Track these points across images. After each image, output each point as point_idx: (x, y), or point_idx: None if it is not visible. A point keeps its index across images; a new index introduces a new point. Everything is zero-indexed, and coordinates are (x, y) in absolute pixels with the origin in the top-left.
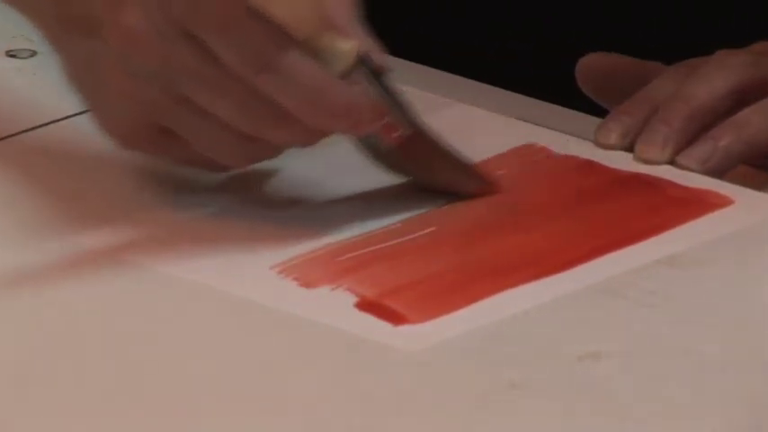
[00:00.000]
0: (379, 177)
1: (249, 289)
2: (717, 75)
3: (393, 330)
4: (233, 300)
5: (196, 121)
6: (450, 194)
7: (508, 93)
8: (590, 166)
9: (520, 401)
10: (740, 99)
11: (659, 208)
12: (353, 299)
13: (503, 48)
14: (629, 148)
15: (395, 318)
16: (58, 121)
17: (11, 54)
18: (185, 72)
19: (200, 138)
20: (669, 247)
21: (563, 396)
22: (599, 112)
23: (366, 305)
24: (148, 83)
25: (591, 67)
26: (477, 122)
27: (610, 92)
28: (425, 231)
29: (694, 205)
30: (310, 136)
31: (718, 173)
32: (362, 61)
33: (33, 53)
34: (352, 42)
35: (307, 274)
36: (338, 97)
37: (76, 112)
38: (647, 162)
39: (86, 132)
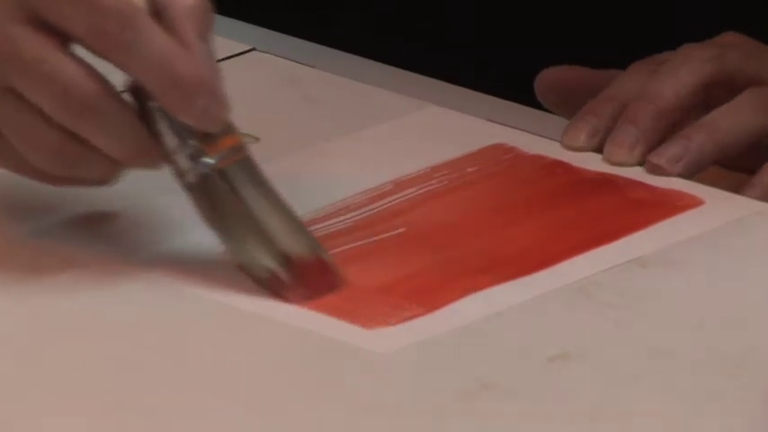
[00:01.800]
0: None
1: (221, 292)
2: (682, 71)
3: (364, 332)
4: (206, 302)
5: (18, 114)
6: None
7: (478, 94)
8: (560, 166)
9: (491, 403)
10: (708, 94)
11: (629, 208)
12: (325, 301)
13: (473, 50)
14: (598, 149)
15: (366, 320)
16: None
17: None
18: (11, 59)
19: (23, 133)
20: (639, 248)
21: (534, 397)
22: None
23: (337, 308)
24: None
25: (550, 80)
26: (447, 124)
27: (570, 104)
28: (394, 233)
29: (664, 206)
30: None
31: (690, 173)
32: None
33: None
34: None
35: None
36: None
37: None
38: (616, 164)
39: None
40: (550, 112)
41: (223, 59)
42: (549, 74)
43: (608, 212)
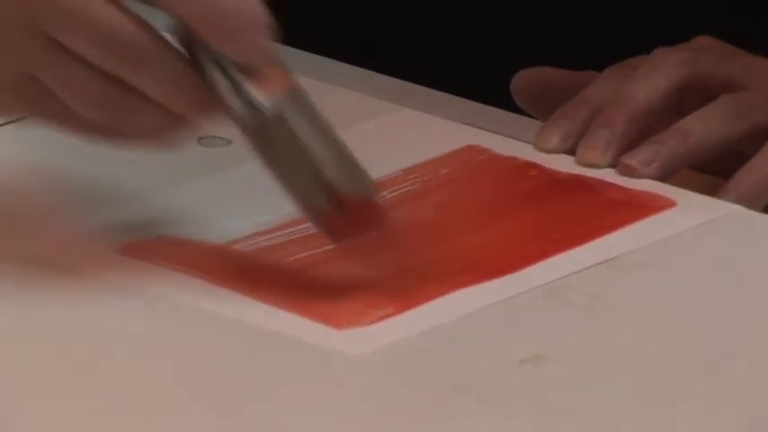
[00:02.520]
0: None
1: (193, 295)
2: (655, 74)
3: (337, 334)
4: (176, 305)
5: (63, 65)
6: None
7: (450, 96)
8: (533, 167)
9: (464, 405)
10: (681, 97)
11: (602, 210)
12: (297, 303)
13: (447, 51)
14: (571, 152)
15: (339, 321)
16: None
17: None
18: (51, 7)
19: (70, 84)
20: (611, 250)
21: (506, 399)
22: None
23: (311, 309)
24: (16, 28)
25: (525, 82)
26: (419, 127)
27: (547, 106)
28: (368, 236)
29: (636, 208)
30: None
31: (662, 177)
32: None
33: None
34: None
35: (248, 282)
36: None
37: None
38: (589, 165)
39: None
40: (526, 113)
41: None
42: (524, 75)
43: (580, 214)
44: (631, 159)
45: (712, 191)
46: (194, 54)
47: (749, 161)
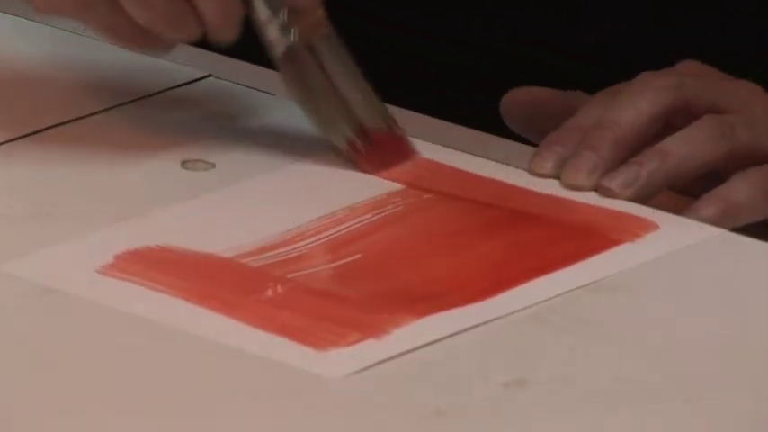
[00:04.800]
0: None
1: (167, 315)
2: (641, 100)
3: (314, 355)
4: (152, 326)
5: None
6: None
7: (437, 121)
8: (515, 190)
9: (446, 428)
10: (666, 122)
11: (585, 233)
12: (275, 324)
13: (435, 74)
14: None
15: (317, 342)
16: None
17: None
18: None
19: None
20: (594, 273)
21: (488, 424)
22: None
23: (287, 329)
24: None
25: (515, 102)
26: None
27: (536, 126)
28: (350, 259)
29: (620, 231)
30: None
31: (642, 199)
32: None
33: None
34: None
35: (227, 301)
36: None
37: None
38: (573, 188)
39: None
40: (515, 134)
41: (178, 86)
42: (513, 95)
43: (563, 237)
44: (610, 182)
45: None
46: None
47: (716, 187)
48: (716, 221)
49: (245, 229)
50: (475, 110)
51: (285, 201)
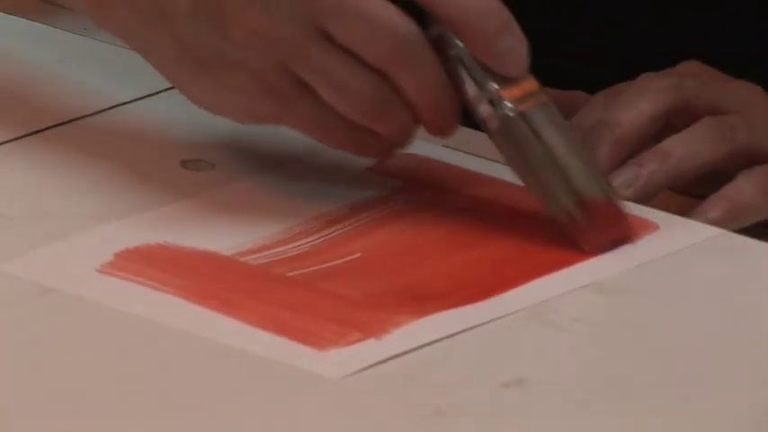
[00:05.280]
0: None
1: (167, 314)
2: (641, 100)
3: (315, 355)
4: (152, 326)
5: (332, 58)
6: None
7: None
8: (517, 190)
9: (445, 428)
10: (666, 123)
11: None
12: (276, 323)
13: None
14: None
15: (318, 342)
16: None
17: None
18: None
19: (334, 78)
20: (595, 274)
21: (489, 424)
22: None
23: (288, 328)
24: (285, 15)
25: None
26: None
27: None
28: (350, 258)
29: None
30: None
31: (642, 199)
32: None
33: None
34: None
35: (228, 300)
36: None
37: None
38: None
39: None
40: None
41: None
42: None
43: (563, 237)
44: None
45: (689, 213)
46: (444, 54)
47: (722, 188)
48: (722, 223)
49: (246, 229)
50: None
51: (285, 200)
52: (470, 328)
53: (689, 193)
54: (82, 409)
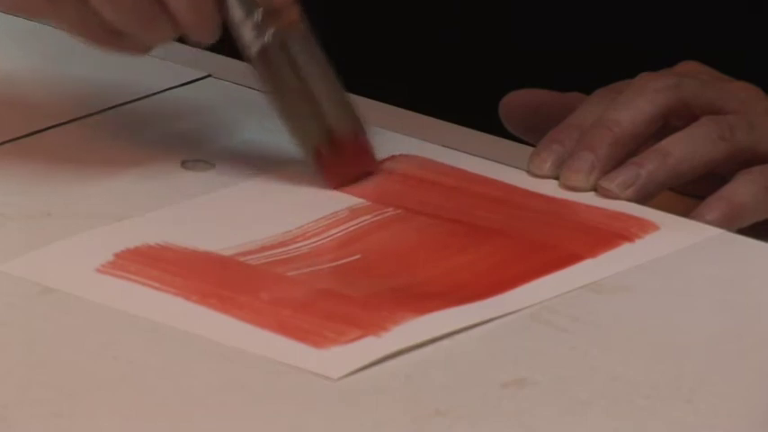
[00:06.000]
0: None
1: (167, 314)
2: (640, 100)
3: (316, 354)
4: (152, 326)
5: None
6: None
7: (437, 121)
8: (515, 191)
9: (445, 429)
10: (665, 123)
11: (584, 234)
12: (275, 322)
13: (435, 75)
14: (557, 176)
15: (318, 341)
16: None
17: None
18: None
19: None
20: (594, 274)
21: (488, 423)
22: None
23: (289, 328)
24: None
25: (514, 104)
26: (404, 151)
27: (536, 128)
28: (349, 259)
29: (619, 231)
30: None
31: (641, 199)
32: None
33: None
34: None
35: (228, 300)
36: None
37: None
38: (572, 189)
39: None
40: (514, 135)
41: (178, 86)
42: (512, 98)
43: (563, 238)
44: (610, 183)
45: (691, 214)
46: None
47: (721, 188)
48: (721, 224)
49: (245, 229)
50: (475, 110)
51: (285, 201)
52: (470, 327)
53: (688, 193)
54: (82, 409)
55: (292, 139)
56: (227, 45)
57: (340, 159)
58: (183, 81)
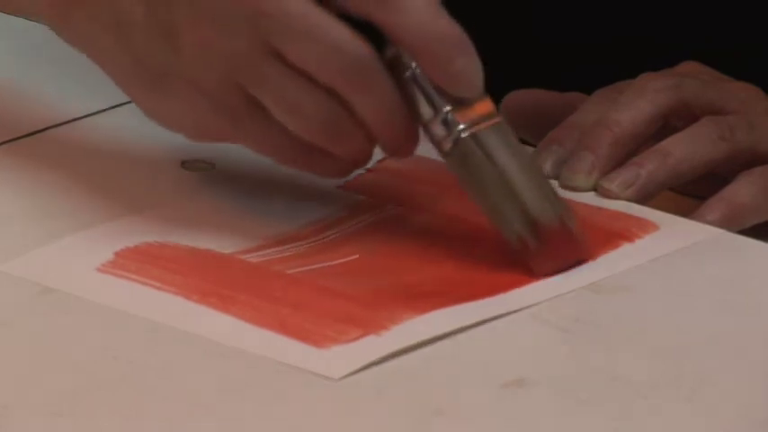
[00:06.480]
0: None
1: (167, 313)
2: (640, 100)
3: (316, 353)
4: (152, 325)
5: (283, 77)
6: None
7: None
8: None
9: (445, 429)
10: (665, 123)
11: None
12: (275, 321)
13: None
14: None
15: (318, 340)
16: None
17: None
18: (278, 17)
19: (286, 97)
20: (594, 274)
21: (488, 423)
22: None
23: (290, 327)
24: (235, 30)
25: (516, 104)
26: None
27: (537, 128)
28: (348, 259)
29: (619, 231)
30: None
31: (641, 199)
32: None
33: None
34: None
35: (228, 298)
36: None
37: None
38: (572, 189)
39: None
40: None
41: None
42: (514, 97)
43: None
44: (610, 183)
45: (692, 214)
46: (398, 76)
47: (722, 189)
48: (721, 225)
49: (245, 229)
50: None
51: (285, 201)
52: (470, 326)
53: (688, 194)
54: (82, 408)
55: (499, 231)
56: None
57: (546, 249)
58: None
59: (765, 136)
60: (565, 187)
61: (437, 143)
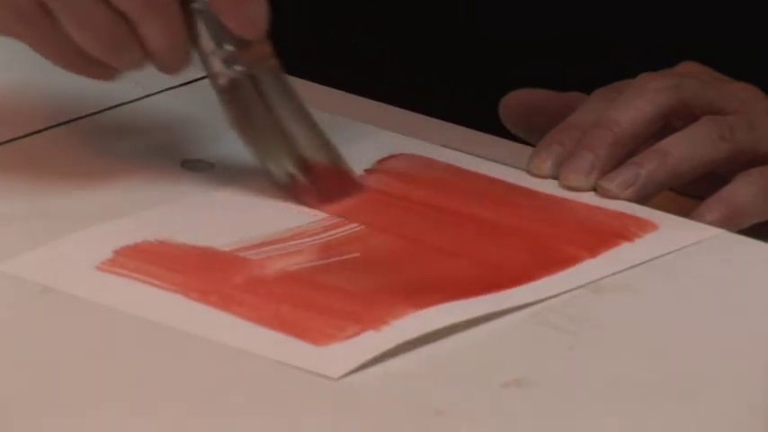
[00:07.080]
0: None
1: (167, 313)
2: (640, 100)
3: (316, 352)
4: (151, 324)
5: None
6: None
7: (437, 121)
8: (517, 190)
9: (445, 429)
10: (664, 123)
11: (584, 234)
12: (275, 319)
13: (435, 77)
14: (556, 175)
15: (318, 338)
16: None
17: None
18: None
19: (76, 11)
20: (594, 273)
21: (489, 424)
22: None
23: (289, 325)
24: None
25: (514, 104)
26: (402, 150)
27: (535, 127)
28: (348, 256)
29: (619, 231)
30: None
31: (641, 199)
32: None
33: None
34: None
35: (227, 296)
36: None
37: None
38: (572, 189)
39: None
40: (515, 135)
41: (178, 86)
42: (512, 97)
43: (563, 238)
44: (610, 183)
45: (692, 214)
46: (186, 4)
47: (721, 189)
48: (721, 225)
49: (245, 229)
50: (475, 110)
51: (284, 201)
52: (470, 325)
53: (688, 194)
54: (81, 408)
55: (263, 168)
56: None
57: (317, 184)
58: (184, 81)
59: (765, 136)
60: (565, 187)
61: (212, 76)
